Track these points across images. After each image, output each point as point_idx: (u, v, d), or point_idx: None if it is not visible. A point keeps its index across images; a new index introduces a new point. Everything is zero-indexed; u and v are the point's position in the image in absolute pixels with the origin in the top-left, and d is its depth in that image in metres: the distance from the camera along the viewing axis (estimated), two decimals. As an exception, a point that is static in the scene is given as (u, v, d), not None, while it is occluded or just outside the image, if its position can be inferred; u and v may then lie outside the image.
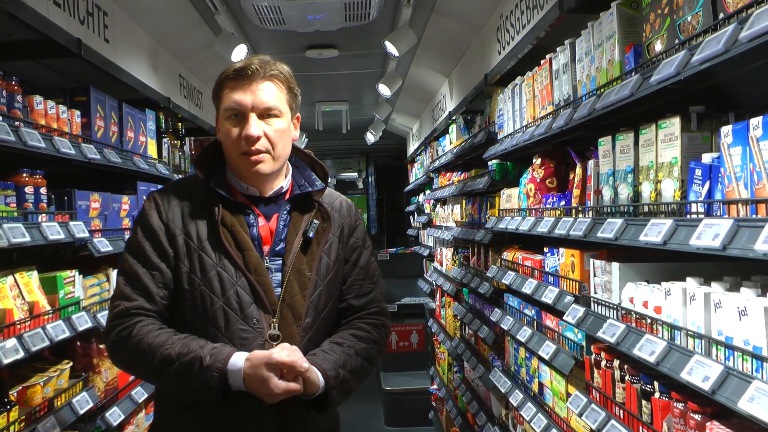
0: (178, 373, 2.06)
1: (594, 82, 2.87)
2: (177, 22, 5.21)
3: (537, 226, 3.42)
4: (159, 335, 2.11)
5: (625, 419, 2.56)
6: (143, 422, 4.56)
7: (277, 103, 2.24)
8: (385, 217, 15.28)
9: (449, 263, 6.72)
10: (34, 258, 3.49)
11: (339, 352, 2.23)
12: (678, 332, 2.18)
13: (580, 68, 3.06)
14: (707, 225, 1.90)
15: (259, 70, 2.21)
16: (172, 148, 5.53)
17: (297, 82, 2.35)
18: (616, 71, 2.65)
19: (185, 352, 2.06)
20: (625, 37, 2.61)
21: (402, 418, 8.10)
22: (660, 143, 2.36)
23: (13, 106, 3.08)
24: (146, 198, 2.31)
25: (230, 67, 2.25)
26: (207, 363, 2.03)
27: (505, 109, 4.34)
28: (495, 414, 4.80)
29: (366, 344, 2.32)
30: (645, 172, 2.46)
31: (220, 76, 2.28)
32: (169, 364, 2.06)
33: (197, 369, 2.03)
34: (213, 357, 2.04)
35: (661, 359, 2.15)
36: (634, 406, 2.51)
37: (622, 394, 2.62)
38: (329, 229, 2.33)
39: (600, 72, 2.81)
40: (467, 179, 5.71)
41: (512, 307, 4.20)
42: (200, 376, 2.03)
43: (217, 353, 2.05)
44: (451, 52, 6.17)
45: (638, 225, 2.34)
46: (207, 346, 2.08)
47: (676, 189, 2.25)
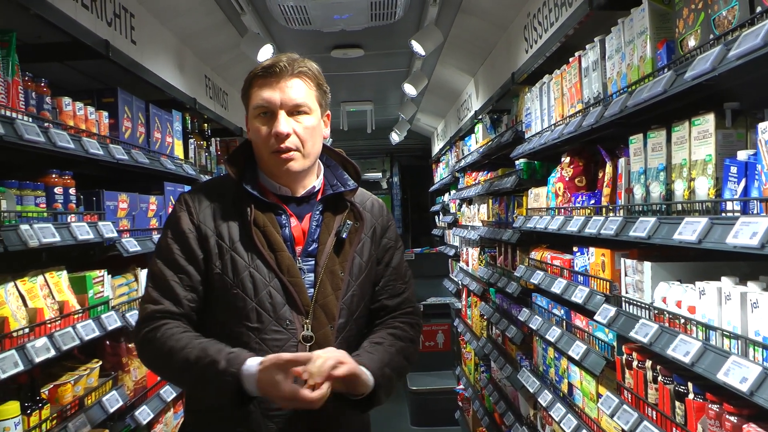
0: (196, 377, 2.06)
1: (625, 80, 2.84)
2: (203, 22, 5.23)
3: (567, 225, 3.39)
4: (181, 339, 2.10)
5: (659, 420, 2.53)
6: (172, 421, 4.58)
7: (306, 100, 2.22)
8: (410, 217, 15.26)
9: (475, 263, 6.69)
10: (63, 258, 3.52)
11: (381, 351, 2.21)
12: (713, 332, 2.15)
13: (610, 65, 3.03)
14: (744, 223, 1.87)
15: (288, 67, 2.20)
16: (198, 149, 5.56)
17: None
18: (648, 68, 2.61)
19: (203, 356, 2.04)
20: (657, 33, 2.58)
21: (428, 417, 8.07)
22: (693, 140, 2.32)
23: (43, 107, 3.10)
24: (176, 200, 2.30)
25: (259, 66, 2.24)
26: (222, 367, 2.00)
27: (532, 108, 4.31)
28: (523, 414, 4.77)
29: (404, 343, 2.31)
30: (678, 170, 2.43)
31: (248, 74, 2.26)
32: (187, 368, 2.05)
33: (213, 373, 2.01)
34: (228, 362, 2.01)
35: (696, 360, 2.12)
36: (667, 408, 2.48)
37: (655, 395, 2.59)
38: (362, 230, 2.32)
39: (631, 69, 2.78)
40: (494, 178, 5.69)
41: (541, 306, 4.17)
42: (215, 380, 2.01)
43: (233, 358, 2.02)
44: (477, 51, 6.15)
45: (672, 223, 2.31)
46: (224, 351, 2.05)
47: (710, 187, 2.22)
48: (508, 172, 5.18)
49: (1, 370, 2.48)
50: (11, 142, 2.66)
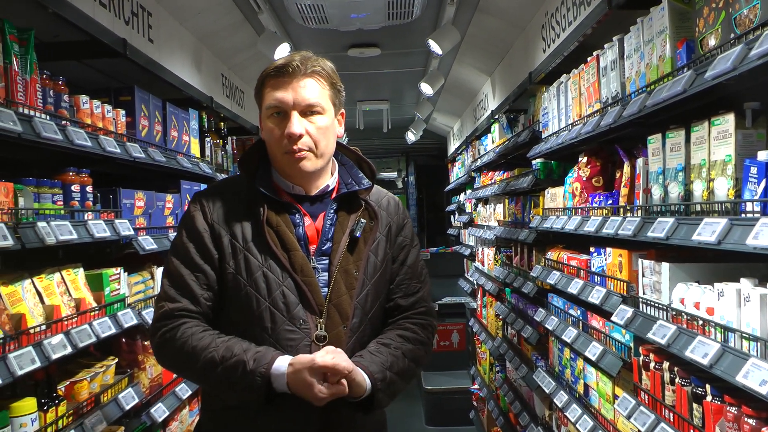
0: (221, 377, 2.05)
1: (644, 79, 2.82)
2: (220, 21, 5.24)
3: (584, 225, 3.37)
4: (203, 338, 2.11)
5: (676, 422, 2.51)
6: (187, 419, 4.59)
7: (319, 100, 2.21)
8: (426, 217, 15.24)
9: (491, 263, 6.68)
10: (80, 256, 3.53)
11: (386, 354, 2.20)
12: (732, 334, 2.13)
13: (628, 65, 3.01)
14: (765, 224, 1.85)
15: (300, 66, 2.18)
16: (215, 147, 5.57)
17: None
18: (668, 67, 2.59)
19: (229, 355, 2.05)
20: (677, 33, 2.56)
21: (443, 417, 8.06)
22: (713, 140, 2.30)
23: (60, 105, 3.11)
24: (191, 199, 2.30)
25: (271, 65, 2.22)
26: (250, 367, 2.01)
27: (549, 108, 4.29)
28: (538, 414, 4.75)
29: (413, 345, 2.29)
30: (697, 170, 2.40)
31: (261, 74, 2.25)
32: (213, 367, 2.06)
33: (240, 373, 2.02)
34: (256, 361, 2.02)
35: (714, 362, 2.10)
36: (684, 410, 2.46)
37: (672, 396, 2.57)
38: (376, 228, 2.30)
39: (650, 68, 2.76)
40: (510, 178, 5.67)
41: (557, 307, 4.15)
42: (243, 380, 2.02)
43: (260, 357, 2.04)
44: (495, 51, 6.13)
45: (691, 224, 2.29)
46: (251, 350, 2.06)
47: (729, 187, 2.20)
48: (525, 172, 5.16)
49: (18, 367, 2.49)
50: (29, 139, 2.67)
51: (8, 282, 2.77)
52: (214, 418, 2.27)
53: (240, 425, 2.17)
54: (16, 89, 2.69)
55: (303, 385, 2.00)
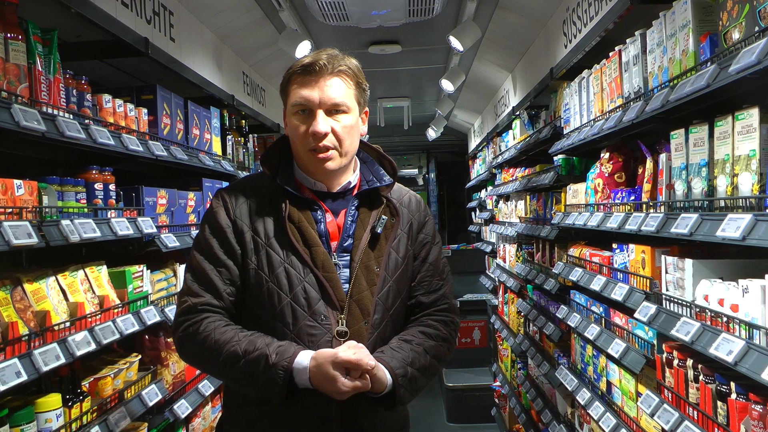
0: (243, 371, 2.06)
1: (666, 74, 2.80)
2: (241, 20, 5.26)
3: (606, 221, 3.35)
4: (225, 332, 2.11)
5: (700, 420, 2.49)
6: (209, 415, 4.62)
7: (344, 99, 2.21)
8: (446, 214, 15.22)
9: (513, 259, 6.65)
10: (103, 253, 3.56)
11: (407, 350, 2.19)
12: (757, 331, 2.10)
13: (651, 59, 2.99)
14: (790, 220, 1.83)
15: (327, 65, 2.18)
16: (236, 145, 5.59)
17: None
18: (691, 62, 2.57)
19: (251, 349, 2.06)
20: (700, 27, 2.53)
21: (464, 414, 8.05)
22: (737, 135, 2.28)
23: (83, 104, 3.13)
24: (214, 196, 2.31)
25: (298, 62, 2.22)
26: (273, 361, 2.02)
27: (571, 103, 4.27)
28: (560, 412, 4.73)
29: (435, 341, 2.28)
30: (720, 165, 2.38)
31: (287, 71, 2.25)
32: (235, 361, 2.06)
33: (263, 367, 2.03)
34: (279, 355, 2.03)
35: (739, 359, 2.08)
36: (708, 407, 2.44)
37: (696, 394, 2.55)
38: (398, 225, 2.30)
39: (673, 63, 2.73)
40: (531, 175, 5.65)
41: (579, 304, 4.13)
42: (266, 373, 2.03)
43: (282, 351, 2.04)
44: (516, 47, 6.10)
45: (714, 220, 2.27)
46: (273, 344, 2.07)
47: (754, 183, 2.17)
48: (546, 168, 5.14)
49: (43, 363, 2.51)
50: (53, 138, 2.69)
51: (33, 279, 2.80)
52: (236, 414, 2.28)
53: (262, 421, 2.18)
54: (39, 89, 2.72)
55: (325, 378, 2.01)
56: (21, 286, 2.71)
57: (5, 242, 2.31)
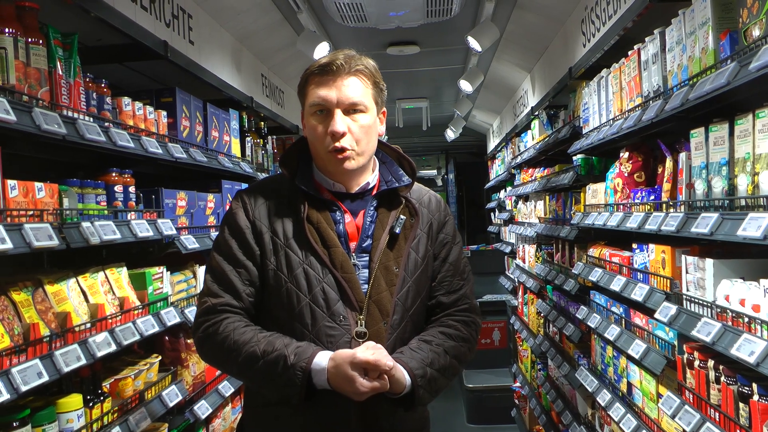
0: (262, 371, 2.07)
1: (686, 72, 2.78)
2: (259, 22, 5.28)
3: (626, 221, 3.33)
4: (245, 332, 2.12)
5: (722, 422, 2.47)
6: (230, 416, 4.63)
7: (362, 99, 2.21)
8: (466, 214, 15.19)
9: (532, 260, 6.63)
10: (123, 255, 3.58)
11: (427, 350, 2.19)
12: (779, 331, 2.08)
13: (670, 58, 2.97)
14: (812, 219, 1.81)
15: (344, 65, 2.19)
16: (255, 147, 5.61)
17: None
18: (710, 59, 2.55)
19: (270, 350, 2.06)
20: (720, 24, 2.51)
21: (484, 415, 8.03)
22: (758, 133, 2.26)
23: (103, 107, 3.16)
24: (233, 197, 2.33)
25: (315, 63, 2.23)
26: (291, 362, 2.03)
27: (590, 103, 4.25)
28: (581, 413, 4.71)
29: (455, 342, 2.28)
30: (741, 164, 2.36)
31: (305, 71, 2.26)
32: (254, 361, 2.07)
33: (281, 367, 2.03)
34: (297, 356, 2.03)
35: (761, 360, 2.05)
36: (730, 409, 2.41)
37: (718, 395, 2.52)
38: (417, 225, 2.30)
39: (692, 61, 2.71)
40: (551, 175, 5.62)
41: (599, 304, 4.11)
42: (284, 374, 2.03)
43: (301, 352, 2.05)
44: (534, 47, 6.08)
45: (735, 219, 2.24)
46: (291, 345, 2.07)
47: (775, 181, 2.15)
48: (566, 168, 5.11)
49: (64, 364, 2.53)
50: (73, 141, 2.72)
51: (54, 281, 2.82)
52: (256, 414, 2.29)
53: (282, 422, 2.18)
54: (60, 92, 2.74)
55: (344, 379, 2.01)
56: (42, 287, 2.74)
57: (26, 244, 2.34)
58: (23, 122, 2.38)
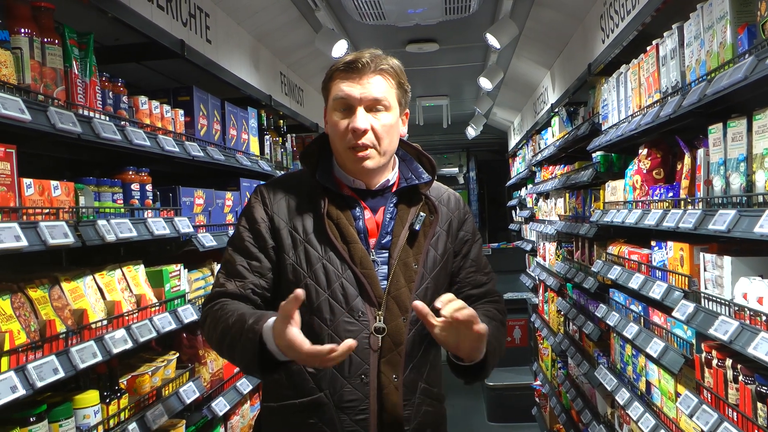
0: (229, 342, 2.06)
1: (704, 67, 2.74)
2: (277, 20, 5.28)
3: (644, 218, 3.30)
4: (227, 311, 2.12)
5: (740, 422, 2.43)
6: (248, 413, 4.65)
7: (386, 97, 2.21)
8: (487, 212, 15.15)
9: (552, 258, 6.60)
10: (141, 253, 3.60)
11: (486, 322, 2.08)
12: (797, 330, 2.05)
13: (688, 53, 2.93)
14: (829, 215, 1.78)
15: (370, 63, 2.19)
16: (274, 145, 5.62)
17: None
18: (729, 54, 2.51)
19: (240, 320, 2.04)
20: (738, 18, 2.47)
21: (505, 414, 8.01)
22: (776, 129, 2.22)
23: (119, 106, 3.17)
24: (253, 191, 2.34)
25: (341, 60, 2.23)
26: (248, 325, 2.00)
27: (609, 99, 4.21)
28: (600, 412, 4.68)
29: (497, 322, 2.30)
30: (759, 160, 2.32)
31: (330, 67, 2.26)
32: (226, 334, 2.07)
33: (241, 333, 2.01)
34: (254, 320, 2.00)
35: (778, 358, 2.03)
36: (748, 409, 2.38)
37: (736, 395, 2.49)
38: (436, 222, 2.30)
39: (710, 56, 2.68)
40: (570, 172, 5.59)
41: (618, 302, 4.08)
42: (241, 339, 2.00)
43: (260, 316, 2.01)
44: (553, 43, 6.04)
45: (753, 216, 2.21)
46: (258, 312, 2.06)
47: (794, 178, 2.12)
48: (585, 166, 5.08)
49: (80, 360, 2.55)
50: (89, 140, 2.73)
51: (71, 278, 2.84)
52: (273, 412, 2.29)
53: (299, 418, 2.19)
54: (75, 91, 2.76)
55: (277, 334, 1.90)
56: (59, 284, 2.76)
57: (42, 242, 2.35)
58: (38, 121, 2.40)
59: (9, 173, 2.34)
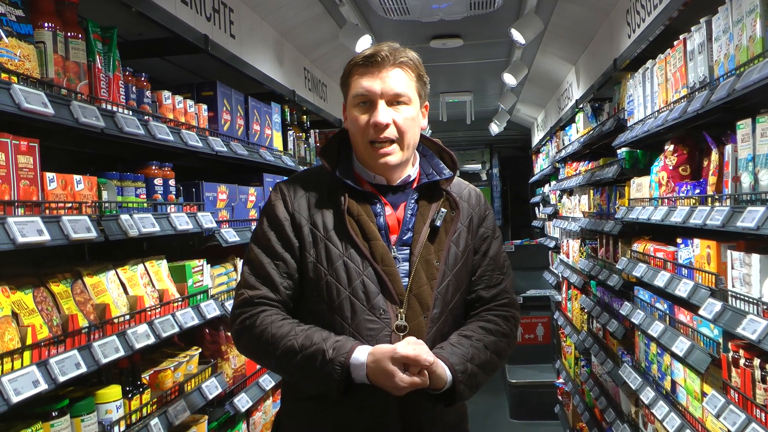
0: (300, 366, 2.06)
1: (733, 62, 2.69)
2: (301, 15, 5.27)
3: (670, 215, 3.25)
4: (282, 326, 2.11)
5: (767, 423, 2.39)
6: (270, 409, 4.65)
7: (406, 90, 2.19)
8: (510, 209, 15.10)
9: (576, 255, 6.55)
10: (163, 248, 3.60)
11: (467, 346, 2.16)
12: (828, 330, 2.01)
13: (717, 47, 2.88)
14: None
15: (389, 56, 2.17)
16: (297, 140, 5.61)
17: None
18: (758, 48, 2.46)
19: (308, 344, 2.05)
20: (768, 11, 2.43)
21: (527, 411, 7.98)
22: (807, 125, 2.18)
23: (143, 101, 3.17)
24: (273, 189, 2.32)
25: (359, 54, 2.22)
26: (330, 356, 2.01)
27: (635, 95, 4.16)
28: (624, 411, 4.63)
29: (495, 337, 2.25)
30: (790, 156, 2.28)
31: (348, 63, 2.25)
32: (292, 356, 2.06)
33: (320, 362, 2.02)
34: (336, 350, 2.02)
35: (808, 358, 1.98)
36: (777, 409, 2.34)
37: (764, 395, 2.45)
38: (457, 218, 2.27)
39: (739, 50, 2.63)
40: (595, 168, 5.54)
41: (643, 300, 4.03)
42: (323, 369, 2.02)
43: (339, 346, 2.03)
44: (578, 39, 5.99)
45: (782, 213, 2.17)
46: (330, 339, 2.06)
47: (825, 174, 2.07)
48: (610, 162, 5.03)
49: (103, 355, 2.55)
50: (112, 134, 2.73)
51: (93, 273, 2.85)
52: (293, 408, 2.29)
53: (319, 416, 2.18)
54: (99, 86, 2.76)
55: (383, 374, 1.99)
56: (81, 279, 2.77)
57: (64, 236, 2.36)
58: (61, 115, 2.40)
59: (32, 167, 2.34)
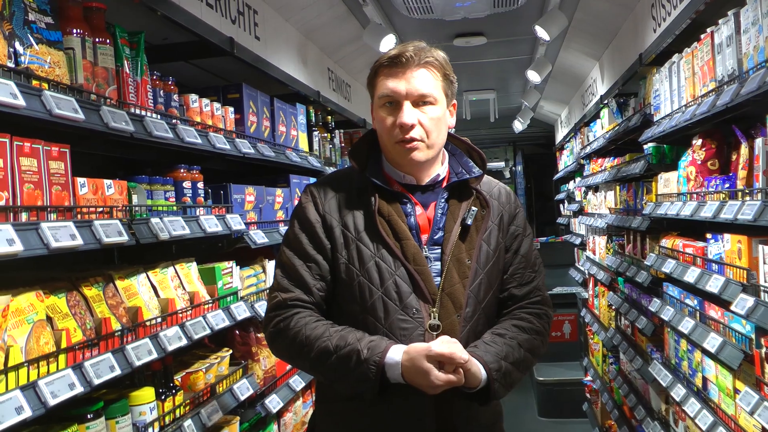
0: (335, 366, 2.07)
1: (762, 54, 2.66)
2: (325, 16, 5.29)
3: (700, 210, 3.22)
4: (316, 327, 2.12)
5: (803, 418, 2.37)
6: (301, 410, 4.66)
7: (431, 91, 2.19)
8: (534, 206, 15.04)
9: (603, 252, 6.51)
10: (193, 250, 3.62)
11: (501, 344, 2.16)
12: None
13: (745, 40, 2.85)
14: None
15: (414, 57, 2.17)
16: (323, 141, 5.63)
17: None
18: (788, 40, 2.44)
19: (342, 345, 2.06)
20: (798, 3, 2.40)
21: (556, 409, 7.93)
22: (840, 117, 2.15)
23: (170, 105, 3.20)
24: (303, 191, 2.33)
25: (385, 55, 2.22)
26: (364, 356, 2.02)
27: (661, 89, 4.13)
28: (654, 408, 4.60)
29: (528, 335, 2.25)
30: (822, 149, 2.26)
31: (374, 63, 2.25)
32: (327, 356, 2.07)
33: (354, 362, 2.03)
34: (370, 350, 2.03)
35: None
36: (812, 405, 2.32)
37: (799, 390, 2.42)
38: (488, 217, 2.27)
39: (769, 42, 2.60)
40: (621, 164, 5.51)
41: (672, 296, 4.00)
42: (357, 369, 2.03)
43: (374, 346, 2.04)
44: (603, 34, 5.95)
45: (815, 207, 2.15)
46: (364, 339, 2.07)
47: None
48: (636, 158, 4.99)
49: (136, 358, 2.58)
50: (141, 138, 2.76)
51: (124, 276, 2.87)
52: (328, 410, 2.30)
53: (354, 417, 2.18)
54: (127, 90, 2.79)
55: (418, 372, 1.99)
56: (113, 282, 2.79)
57: (96, 240, 2.38)
58: (91, 120, 2.42)
59: (63, 173, 2.37)
